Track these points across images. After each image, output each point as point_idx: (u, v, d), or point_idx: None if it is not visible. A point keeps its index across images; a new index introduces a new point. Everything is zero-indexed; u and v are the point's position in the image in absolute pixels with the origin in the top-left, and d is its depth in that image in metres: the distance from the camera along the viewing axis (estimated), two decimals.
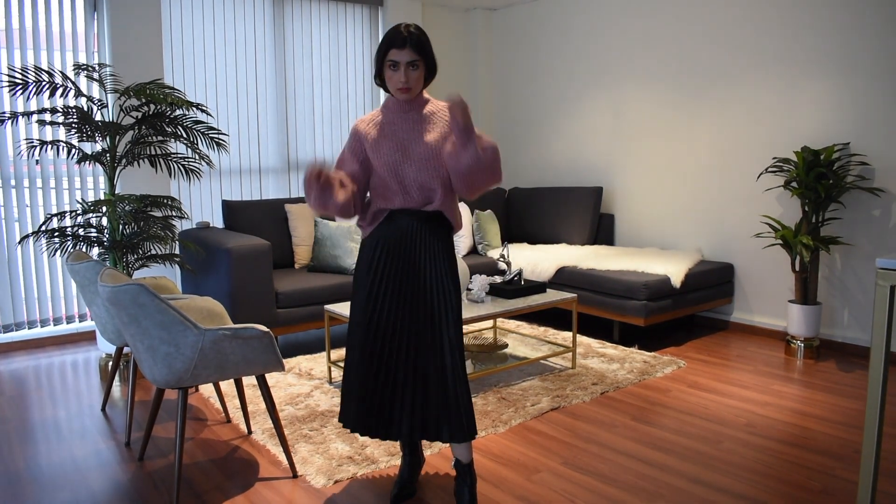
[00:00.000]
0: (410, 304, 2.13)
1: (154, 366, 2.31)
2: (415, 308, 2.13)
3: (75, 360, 4.10)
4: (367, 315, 2.16)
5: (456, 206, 2.24)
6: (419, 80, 2.11)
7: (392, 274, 2.15)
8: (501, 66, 6.25)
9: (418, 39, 2.07)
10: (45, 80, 3.46)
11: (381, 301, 2.15)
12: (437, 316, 2.12)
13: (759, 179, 4.33)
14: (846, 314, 4.06)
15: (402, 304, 2.14)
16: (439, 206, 2.16)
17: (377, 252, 2.17)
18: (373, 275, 2.16)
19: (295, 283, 4.02)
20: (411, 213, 2.16)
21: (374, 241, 2.19)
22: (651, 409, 3.19)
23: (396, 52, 2.06)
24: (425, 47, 2.09)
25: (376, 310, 2.15)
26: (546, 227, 5.42)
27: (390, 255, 2.15)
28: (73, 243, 3.55)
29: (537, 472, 2.56)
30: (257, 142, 5.11)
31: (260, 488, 2.46)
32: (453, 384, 2.10)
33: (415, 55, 2.06)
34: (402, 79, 2.07)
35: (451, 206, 2.21)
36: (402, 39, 2.05)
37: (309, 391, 3.41)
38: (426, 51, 2.09)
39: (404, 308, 2.14)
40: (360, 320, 2.17)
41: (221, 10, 4.86)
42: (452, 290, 2.16)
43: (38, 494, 2.43)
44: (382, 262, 2.16)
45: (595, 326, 4.66)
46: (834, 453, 2.70)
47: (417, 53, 2.06)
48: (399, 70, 2.07)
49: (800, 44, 4.12)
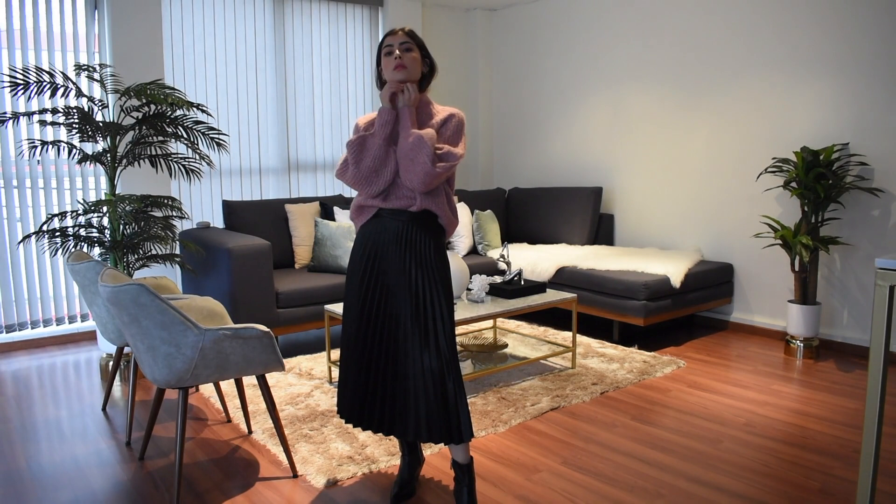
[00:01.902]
0: (400, 304, 2.13)
1: (154, 366, 2.31)
2: (404, 309, 2.12)
3: (76, 360, 4.11)
4: (356, 312, 2.19)
5: (446, 207, 2.21)
6: (414, 62, 2.15)
7: (379, 274, 2.16)
8: (501, 66, 6.25)
9: (411, 32, 2.19)
10: (45, 81, 3.46)
11: (370, 300, 2.17)
12: (425, 317, 2.11)
13: (759, 179, 4.33)
14: (845, 314, 4.07)
15: (390, 304, 2.15)
16: (422, 205, 2.14)
17: (366, 250, 2.19)
18: (361, 272, 2.19)
19: (295, 283, 4.03)
20: (396, 212, 2.16)
21: (362, 238, 2.22)
22: (651, 408, 3.20)
23: (390, 38, 2.18)
24: (416, 38, 2.19)
25: (365, 308, 2.17)
26: (546, 227, 5.42)
27: (378, 254, 2.17)
28: (74, 243, 3.55)
29: (537, 472, 2.56)
30: (257, 142, 5.11)
31: (260, 488, 2.47)
32: (441, 386, 2.08)
33: (406, 38, 2.16)
34: (396, 53, 2.14)
35: (439, 206, 2.18)
36: (394, 31, 2.19)
37: (309, 391, 3.41)
38: (416, 39, 2.19)
39: (393, 308, 2.14)
40: (351, 316, 2.22)
41: (221, 10, 4.86)
42: (441, 291, 2.14)
43: (39, 494, 2.44)
44: (371, 262, 2.18)
45: (595, 326, 4.66)
46: (833, 453, 2.70)
47: (409, 38, 2.17)
48: (393, 52, 2.15)
49: (799, 44, 4.12)
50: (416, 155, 2.06)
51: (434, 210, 2.17)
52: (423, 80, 2.23)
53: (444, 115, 2.18)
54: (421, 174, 2.06)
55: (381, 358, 2.15)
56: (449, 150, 2.11)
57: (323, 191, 5.48)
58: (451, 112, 2.19)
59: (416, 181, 2.08)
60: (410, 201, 2.14)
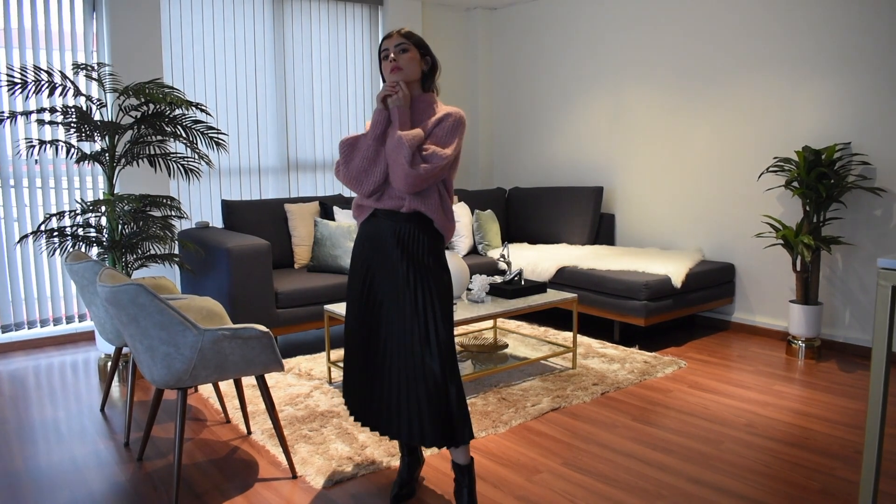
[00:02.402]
0: (395, 305, 2.11)
1: (153, 366, 2.30)
2: (399, 310, 2.11)
3: (74, 361, 4.10)
4: (356, 311, 2.21)
5: (440, 211, 2.15)
6: (410, 62, 2.14)
7: (375, 273, 2.17)
8: (501, 66, 6.24)
9: (407, 33, 2.18)
10: (44, 80, 3.45)
11: (368, 300, 2.18)
12: (421, 319, 2.08)
13: (760, 179, 4.32)
14: (847, 314, 4.06)
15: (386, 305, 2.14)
16: (411, 206, 2.11)
17: (364, 250, 2.22)
18: (360, 271, 2.22)
19: (295, 283, 4.02)
20: (390, 213, 2.16)
21: (360, 237, 2.24)
22: (651, 409, 3.18)
23: (386, 42, 2.17)
24: (413, 37, 2.18)
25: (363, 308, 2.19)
26: (546, 227, 5.41)
27: (374, 253, 2.18)
28: (73, 243, 3.54)
29: (537, 473, 2.55)
30: (257, 142, 5.10)
31: (259, 489, 2.46)
32: (436, 388, 2.06)
33: (402, 40, 2.15)
34: (391, 57, 2.14)
35: (430, 208, 2.13)
36: (391, 34, 2.19)
37: (308, 391, 3.40)
38: (414, 38, 2.18)
39: (389, 309, 2.13)
40: (352, 314, 2.24)
41: (221, 10, 4.85)
42: (436, 292, 2.11)
43: (38, 494, 2.43)
44: (368, 261, 2.19)
45: (595, 326, 4.65)
46: (835, 454, 2.69)
47: (405, 39, 2.16)
48: (389, 55, 2.15)
49: (801, 43, 4.11)
50: (396, 156, 2.05)
51: (425, 212, 2.12)
52: (426, 79, 2.21)
53: (441, 115, 2.15)
54: (402, 175, 2.04)
55: (377, 357, 2.15)
56: (434, 151, 2.06)
57: (322, 190, 5.47)
58: (449, 111, 2.15)
59: (399, 182, 2.06)
60: (401, 202, 2.13)
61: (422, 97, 2.19)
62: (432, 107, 2.18)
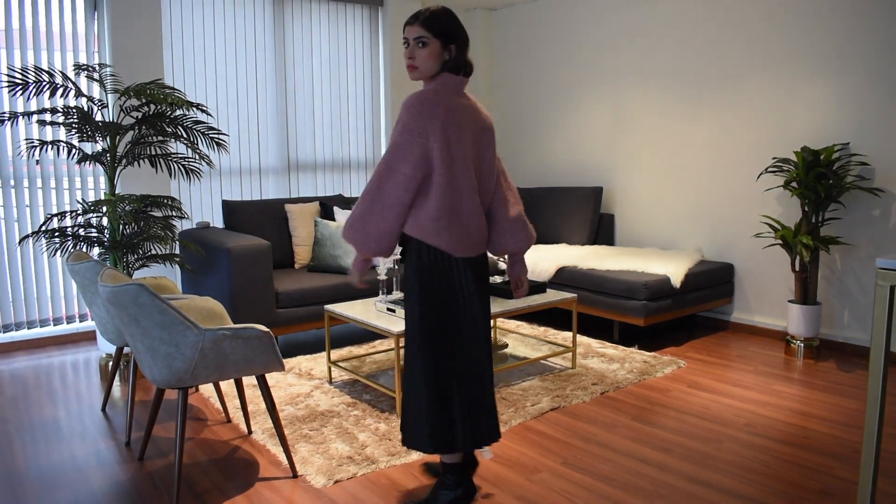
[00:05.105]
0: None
1: (154, 366, 2.31)
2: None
3: (75, 360, 4.10)
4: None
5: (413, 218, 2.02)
6: (427, 59, 1.98)
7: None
8: (501, 66, 6.25)
9: (431, 15, 1.96)
10: (45, 81, 3.46)
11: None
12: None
13: (759, 179, 4.33)
14: (846, 314, 4.07)
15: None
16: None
17: None
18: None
19: (295, 283, 4.02)
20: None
21: None
22: (651, 409, 3.19)
23: (408, 28, 2.01)
24: (436, 25, 1.96)
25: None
26: (546, 227, 5.42)
27: None
28: (74, 243, 3.55)
29: (537, 472, 2.56)
30: (257, 142, 5.11)
31: (260, 488, 2.46)
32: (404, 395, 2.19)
33: (422, 31, 1.96)
34: (407, 55, 2.00)
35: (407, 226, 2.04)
36: (414, 16, 2.00)
37: (309, 391, 3.41)
38: (435, 28, 1.96)
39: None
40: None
41: (221, 10, 4.86)
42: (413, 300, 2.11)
43: (39, 494, 2.44)
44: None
45: (595, 326, 4.66)
46: (834, 453, 2.70)
47: (426, 29, 1.96)
48: (409, 47, 2.01)
49: (800, 43, 4.12)
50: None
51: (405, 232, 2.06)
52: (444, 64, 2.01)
53: None
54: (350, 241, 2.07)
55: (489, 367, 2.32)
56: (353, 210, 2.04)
57: (323, 191, 5.48)
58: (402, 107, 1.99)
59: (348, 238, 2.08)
60: None
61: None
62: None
